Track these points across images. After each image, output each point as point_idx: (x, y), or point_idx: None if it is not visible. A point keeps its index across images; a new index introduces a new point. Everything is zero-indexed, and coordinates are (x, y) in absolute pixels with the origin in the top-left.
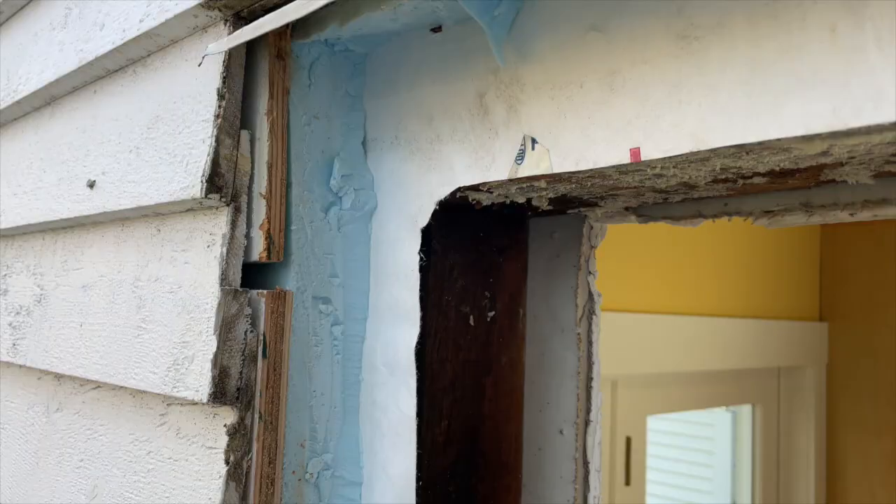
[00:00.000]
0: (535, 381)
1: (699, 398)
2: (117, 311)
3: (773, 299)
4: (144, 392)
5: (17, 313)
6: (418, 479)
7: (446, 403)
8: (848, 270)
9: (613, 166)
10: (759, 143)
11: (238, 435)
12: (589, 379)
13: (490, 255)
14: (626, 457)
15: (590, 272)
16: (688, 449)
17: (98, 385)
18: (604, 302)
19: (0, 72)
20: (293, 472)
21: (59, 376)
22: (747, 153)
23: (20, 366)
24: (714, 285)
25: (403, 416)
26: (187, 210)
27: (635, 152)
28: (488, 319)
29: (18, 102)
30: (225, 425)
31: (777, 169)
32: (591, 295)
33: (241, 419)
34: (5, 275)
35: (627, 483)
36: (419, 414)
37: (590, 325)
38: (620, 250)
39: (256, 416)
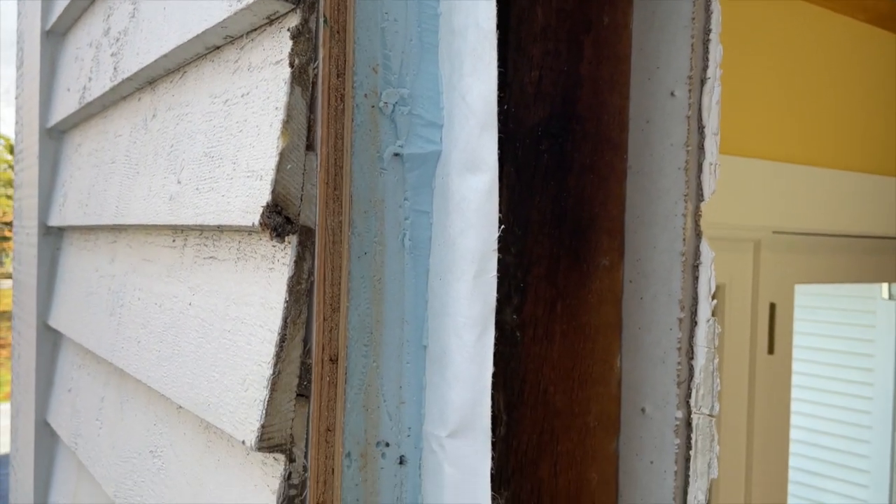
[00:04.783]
0: (644, 46)
1: (857, 269)
2: None
3: None
4: (218, 45)
5: (117, 41)
6: (504, 130)
7: (536, 52)
8: None
9: None
10: None
11: (302, 38)
12: (706, 31)
13: None
14: (769, 323)
15: None
16: (845, 325)
17: (184, 72)
18: (751, 147)
19: None
20: (365, 94)
21: (153, 86)
22: None
23: (124, 95)
24: (883, 138)
25: (482, 33)
26: None
27: None
28: None
29: None
30: (288, 29)
31: None
32: None
33: (305, 21)
34: (109, 15)
35: (771, 351)
36: (503, 67)
37: None
38: (775, 94)
39: (321, 20)
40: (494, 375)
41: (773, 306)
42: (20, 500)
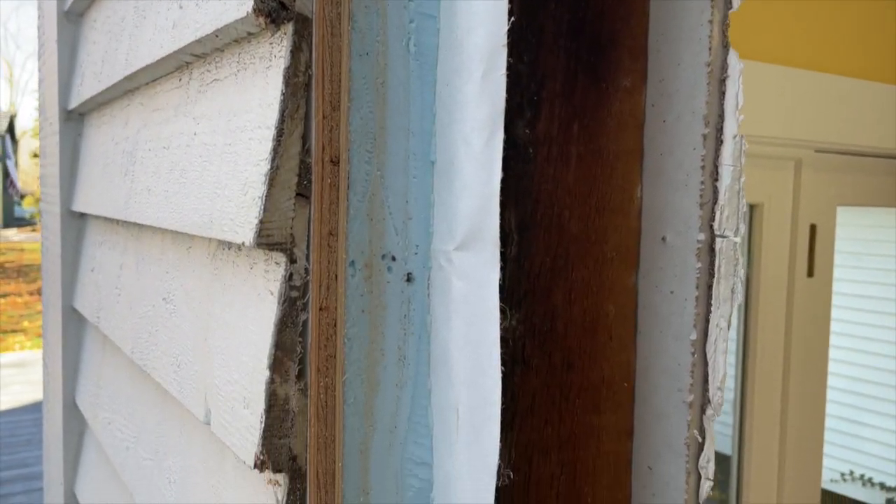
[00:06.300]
0: None
1: None
2: None
3: None
4: None
5: None
6: None
7: None
8: None
9: None
10: None
11: None
12: None
13: None
14: (809, 245)
15: None
16: (887, 270)
17: None
18: (794, 56)
19: None
20: None
21: None
22: None
23: None
24: None
25: None
26: None
27: None
28: None
29: None
30: None
31: None
32: None
33: None
34: None
35: (810, 274)
36: None
37: None
38: None
39: None
40: (505, 193)
41: (813, 228)
42: (51, 390)
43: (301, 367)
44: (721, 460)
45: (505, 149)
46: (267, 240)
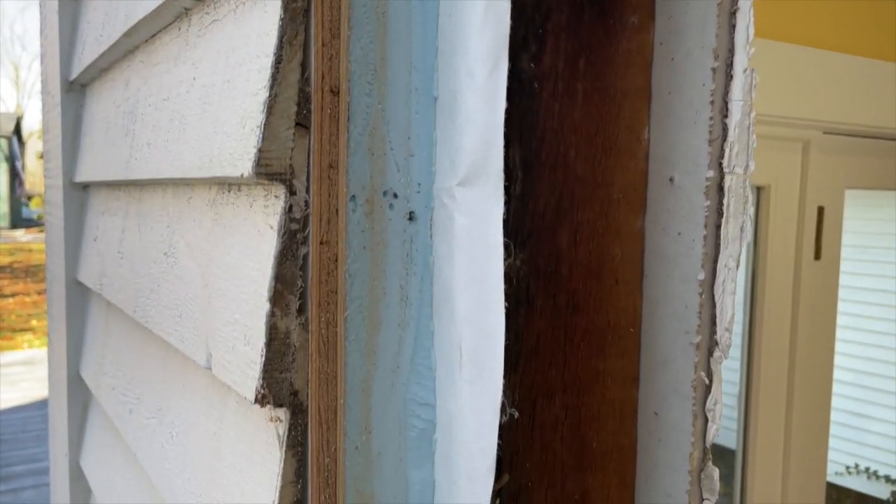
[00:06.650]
0: None
1: None
2: None
3: None
4: None
5: None
6: None
7: None
8: None
9: None
10: None
11: None
12: None
13: None
14: (816, 228)
15: None
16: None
17: None
18: (795, 33)
19: None
20: None
21: None
22: None
23: None
24: None
25: None
26: None
27: None
28: None
29: None
30: None
31: None
32: None
33: None
34: None
35: (817, 257)
36: None
37: None
38: None
39: None
40: (509, 128)
41: (821, 210)
42: (56, 365)
43: (302, 301)
44: (725, 454)
45: (509, 83)
46: (266, 170)
